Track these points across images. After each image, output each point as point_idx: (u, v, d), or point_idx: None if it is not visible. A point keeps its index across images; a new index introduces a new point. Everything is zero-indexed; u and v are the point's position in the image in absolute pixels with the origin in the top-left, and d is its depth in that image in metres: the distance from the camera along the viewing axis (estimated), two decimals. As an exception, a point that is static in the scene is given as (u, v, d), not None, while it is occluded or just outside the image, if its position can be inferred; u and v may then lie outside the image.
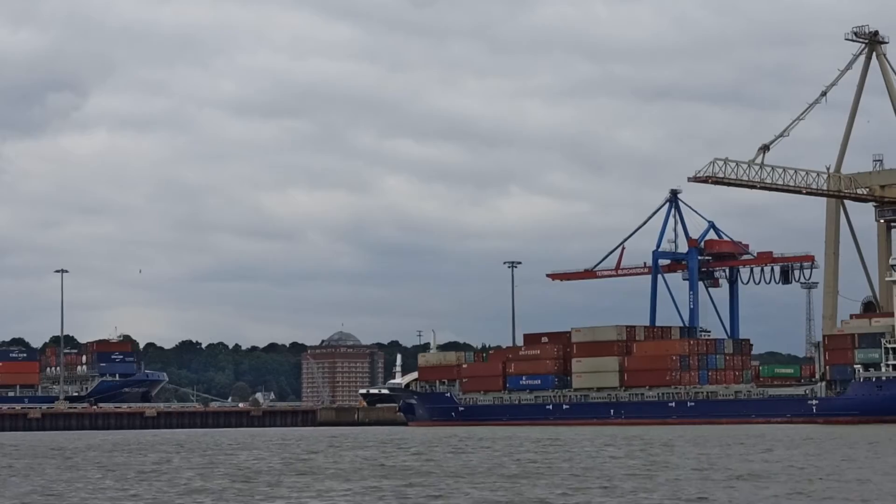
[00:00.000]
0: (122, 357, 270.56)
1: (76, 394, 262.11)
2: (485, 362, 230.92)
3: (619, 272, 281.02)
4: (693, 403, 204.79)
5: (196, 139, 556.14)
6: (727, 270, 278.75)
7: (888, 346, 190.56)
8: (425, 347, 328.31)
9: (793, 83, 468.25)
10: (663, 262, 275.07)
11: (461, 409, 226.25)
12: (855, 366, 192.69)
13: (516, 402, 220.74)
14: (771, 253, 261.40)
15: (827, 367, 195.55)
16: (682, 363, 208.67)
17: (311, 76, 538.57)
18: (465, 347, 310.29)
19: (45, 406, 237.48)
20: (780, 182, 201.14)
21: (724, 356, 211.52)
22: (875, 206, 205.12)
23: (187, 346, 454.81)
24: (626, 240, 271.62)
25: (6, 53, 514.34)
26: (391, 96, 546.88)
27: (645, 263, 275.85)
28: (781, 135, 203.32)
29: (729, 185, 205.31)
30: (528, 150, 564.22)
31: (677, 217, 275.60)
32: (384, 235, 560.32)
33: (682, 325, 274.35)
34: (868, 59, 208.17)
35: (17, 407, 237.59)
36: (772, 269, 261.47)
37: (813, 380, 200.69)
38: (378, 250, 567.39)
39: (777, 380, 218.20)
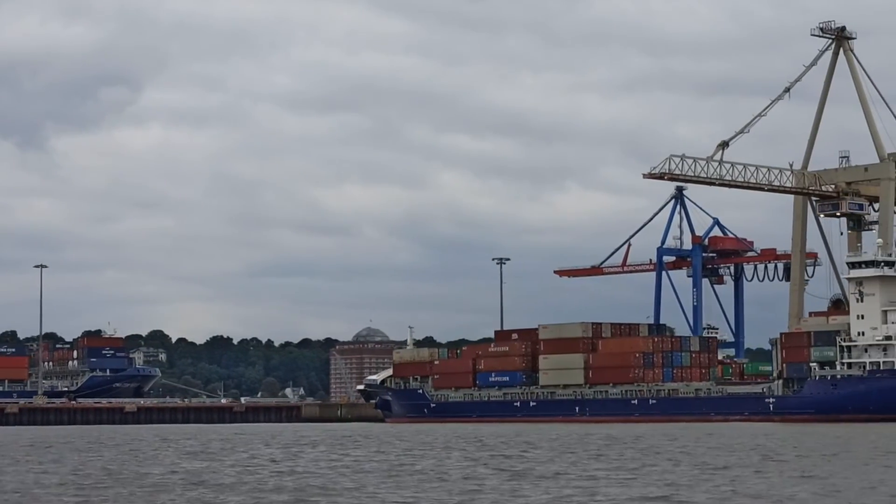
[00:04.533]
0: (113, 352, 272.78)
1: (66, 388, 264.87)
2: (457, 359, 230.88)
3: (626, 269, 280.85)
4: (655, 401, 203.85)
5: (251, 134, 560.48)
6: (732, 267, 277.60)
7: (843, 344, 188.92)
8: (459, 343, 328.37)
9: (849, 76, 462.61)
10: (668, 258, 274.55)
11: (433, 405, 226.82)
12: (811, 364, 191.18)
13: (486, 398, 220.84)
14: (774, 250, 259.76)
15: (784, 365, 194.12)
16: (646, 361, 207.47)
17: (366, 70, 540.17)
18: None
19: (23, 401, 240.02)
20: (741, 179, 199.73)
21: (689, 353, 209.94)
22: (816, 201, 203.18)
23: (218, 342, 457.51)
24: (632, 236, 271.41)
25: (59, 48, 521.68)
26: (446, 91, 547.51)
27: (651, 260, 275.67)
28: (741, 131, 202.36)
29: (686, 181, 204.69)
30: (584, 146, 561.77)
31: (682, 214, 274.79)
32: (440, 231, 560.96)
33: (687, 322, 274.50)
34: (835, 54, 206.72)
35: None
36: (775, 266, 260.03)
37: (771, 378, 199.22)
38: (433, 246, 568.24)
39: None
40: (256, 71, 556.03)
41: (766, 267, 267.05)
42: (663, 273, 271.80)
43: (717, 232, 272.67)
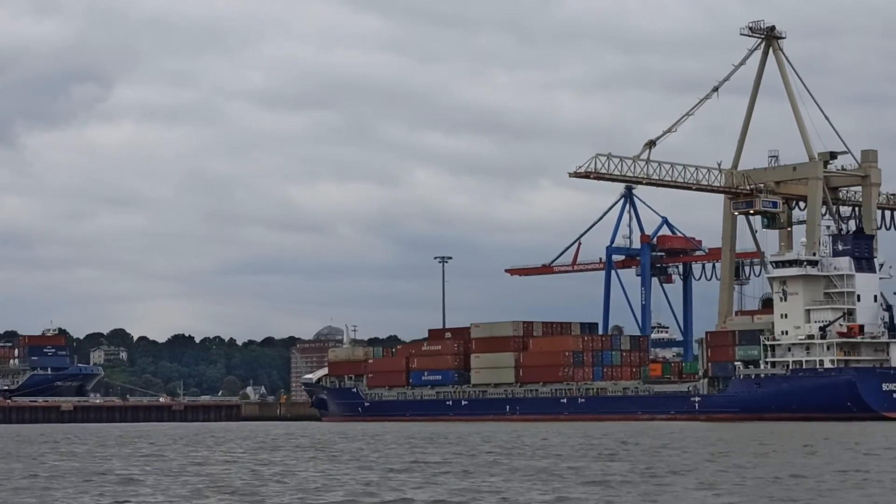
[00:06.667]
0: (54, 350, 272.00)
1: (6, 387, 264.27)
2: (391, 358, 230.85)
3: (576, 268, 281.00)
4: (584, 400, 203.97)
5: (224, 131, 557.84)
6: (680, 266, 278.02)
7: (767, 343, 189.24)
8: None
9: (825, 75, 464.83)
10: (617, 257, 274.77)
11: (367, 404, 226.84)
12: (735, 363, 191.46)
13: (419, 397, 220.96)
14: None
15: (709, 364, 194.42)
16: (576, 360, 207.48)
17: (339, 67, 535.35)
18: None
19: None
20: (669, 178, 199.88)
21: (620, 352, 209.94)
22: (729, 199, 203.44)
23: (179, 340, 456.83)
24: (582, 235, 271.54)
25: (29, 44, 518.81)
26: (420, 88, 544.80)
27: (600, 259, 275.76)
28: (669, 130, 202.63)
29: (613, 181, 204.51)
30: (558, 143, 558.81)
31: (632, 212, 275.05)
32: (414, 229, 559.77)
33: (636, 321, 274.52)
34: (765, 54, 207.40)
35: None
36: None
37: (697, 377, 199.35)
38: (408, 244, 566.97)
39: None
40: (229, 68, 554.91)
41: (713, 266, 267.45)
42: (613, 272, 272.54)
43: (665, 231, 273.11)
